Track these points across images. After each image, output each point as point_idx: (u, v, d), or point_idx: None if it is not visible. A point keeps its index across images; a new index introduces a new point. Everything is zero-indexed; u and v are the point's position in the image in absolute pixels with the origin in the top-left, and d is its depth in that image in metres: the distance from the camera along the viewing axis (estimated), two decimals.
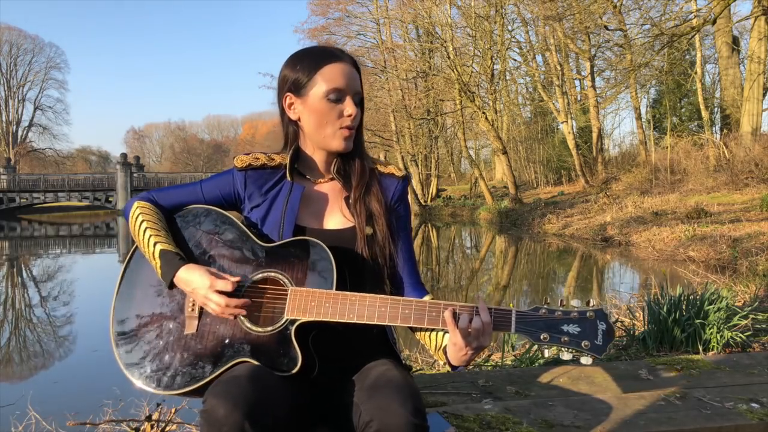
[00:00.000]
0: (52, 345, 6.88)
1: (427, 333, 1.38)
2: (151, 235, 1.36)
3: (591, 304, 1.26)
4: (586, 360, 1.22)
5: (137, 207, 1.42)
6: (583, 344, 1.22)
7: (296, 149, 1.45)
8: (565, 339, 1.23)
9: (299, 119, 1.42)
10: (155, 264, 1.35)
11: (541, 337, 1.23)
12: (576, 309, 1.25)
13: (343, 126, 1.38)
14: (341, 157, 1.45)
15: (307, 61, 1.38)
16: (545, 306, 1.26)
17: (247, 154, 1.46)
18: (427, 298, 1.40)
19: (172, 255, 1.34)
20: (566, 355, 1.24)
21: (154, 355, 1.35)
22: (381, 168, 1.48)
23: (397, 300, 1.27)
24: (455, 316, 1.25)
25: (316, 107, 1.37)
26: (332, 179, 1.46)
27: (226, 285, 1.29)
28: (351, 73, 1.39)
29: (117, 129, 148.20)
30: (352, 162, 1.44)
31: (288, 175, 1.43)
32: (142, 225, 1.38)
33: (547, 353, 1.25)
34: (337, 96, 1.37)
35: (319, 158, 1.45)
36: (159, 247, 1.34)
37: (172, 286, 1.34)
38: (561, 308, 1.25)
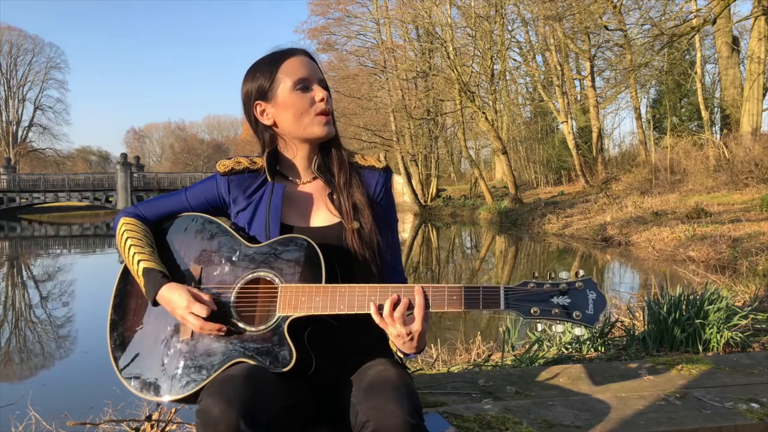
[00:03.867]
0: (53, 345, 6.89)
1: None
2: (135, 253, 1.38)
3: (579, 275, 1.23)
4: (579, 330, 1.21)
5: (123, 224, 1.45)
6: (574, 315, 1.20)
7: (274, 150, 1.46)
8: (556, 311, 1.21)
9: (274, 123, 1.44)
10: (140, 282, 1.37)
11: (531, 311, 1.21)
12: (565, 280, 1.23)
13: (319, 112, 1.40)
14: (321, 150, 1.46)
15: (265, 66, 1.42)
16: (533, 280, 1.24)
17: (229, 158, 1.48)
18: None
19: (155, 273, 1.35)
20: (558, 327, 1.22)
21: (150, 363, 1.36)
22: (360, 161, 1.48)
23: (386, 287, 1.26)
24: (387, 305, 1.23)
25: (288, 101, 1.39)
26: (315, 178, 1.47)
27: (201, 310, 1.29)
28: (309, 63, 1.43)
29: (117, 129, 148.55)
30: (331, 153, 1.45)
31: (268, 175, 1.44)
32: (127, 242, 1.41)
33: (540, 327, 1.23)
34: (303, 85, 1.40)
35: (300, 156, 1.46)
36: (143, 265, 1.36)
37: (156, 303, 1.36)
38: (549, 281, 1.23)
